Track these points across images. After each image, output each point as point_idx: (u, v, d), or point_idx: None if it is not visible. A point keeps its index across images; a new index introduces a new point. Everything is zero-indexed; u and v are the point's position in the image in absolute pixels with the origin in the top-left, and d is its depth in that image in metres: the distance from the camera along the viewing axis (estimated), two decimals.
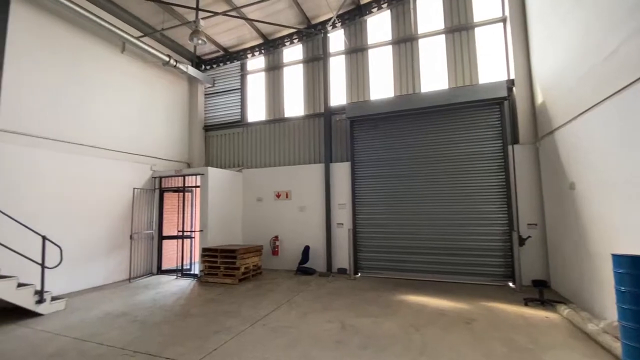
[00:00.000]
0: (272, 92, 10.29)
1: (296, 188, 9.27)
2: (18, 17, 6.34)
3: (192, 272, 8.49)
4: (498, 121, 7.38)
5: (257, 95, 10.59)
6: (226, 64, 10.93)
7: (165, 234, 8.98)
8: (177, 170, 8.97)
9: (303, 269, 8.43)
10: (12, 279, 5.09)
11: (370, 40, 9.18)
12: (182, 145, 10.41)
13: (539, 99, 6.75)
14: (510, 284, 6.84)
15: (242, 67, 10.84)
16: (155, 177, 9.06)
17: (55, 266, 5.53)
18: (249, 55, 10.60)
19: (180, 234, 8.68)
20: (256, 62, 10.72)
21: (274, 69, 10.33)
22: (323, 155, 9.16)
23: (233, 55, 10.77)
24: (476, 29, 8.06)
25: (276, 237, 9.16)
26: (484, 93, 7.24)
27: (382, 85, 8.94)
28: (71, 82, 7.24)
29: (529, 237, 6.74)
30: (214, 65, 11.10)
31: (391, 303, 5.78)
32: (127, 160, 8.38)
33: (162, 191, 9.09)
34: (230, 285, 7.41)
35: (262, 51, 10.39)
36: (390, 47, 8.92)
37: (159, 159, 9.39)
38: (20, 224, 5.41)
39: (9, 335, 4.53)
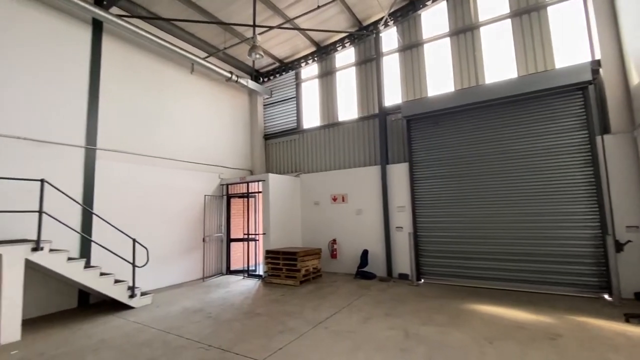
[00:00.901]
0: (326, 97, 10.46)
1: (352, 191, 9.24)
2: (107, 48, 7.46)
3: (257, 273, 8.98)
4: (582, 109, 6.46)
5: (312, 102, 10.86)
6: (282, 74, 11.43)
7: (232, 236, 9.67)
8: (241, 177, 9.62)
9: (362, 273, 8.33)
10: (110, 275, 5.94)
11: (426, 34, 8.79)
12: (245, 154, 11.13)
13: (635, 80, 5.75)
14: (606, 297, 5.88)
15: (297, 76, 11.23)
16: (223, 185, 9.83)
17: (144, 265, 6.32)
18: (302, 64, 10.94)
19: (246, 236, 9.25)
20: (310, 70, 11.02)
21: (327, 75, 10.50)
22: (379, 157, 8.99)
23: (288, 66, 11.22)
24: (549, 9, 7.20)
25: (334, 241, 9.22)
26: (562, 78, 6.40)
27: (440, 81, 8.48)
28: (150, 104, 8.25)
29: (629, 241, 5.73)
30: (271, 77, 11.69)
31: (460, 312, 5.39)
32: (198, 170, 9.24)
33: (229, 197, 9.82)
34: (292, 286, 7.64)
35: (315, 58, 10.64)
36: (448, 39, 8.43)
37: (226, 167, 10.16)
38: (115, 227, 6.30)
39: (108, 325, 5.27)
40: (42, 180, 5.10)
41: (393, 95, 9.16)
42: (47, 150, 6.24)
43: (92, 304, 6.56)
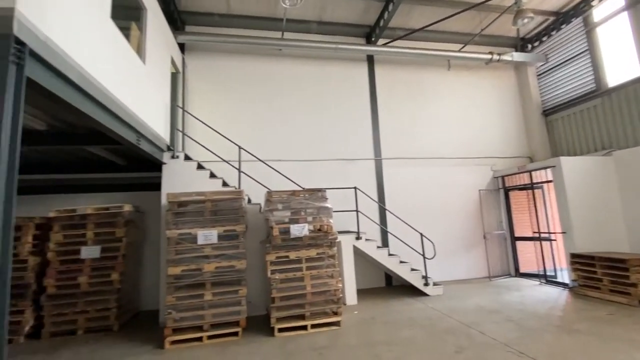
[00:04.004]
0: None
1: None
2: (378, 74, 8.95)
3: (559, 280, 7.33)
4: None
5: (619, 48, 7.68)
6: (559, 29, 8.96)
7: (517, 234, 8.53)
8: (520, 166, 8.35)
9: None
10: (406, 264, 6.91)
11: None
12: (518, 138, 9.62)
13: None
14: None
15: (586, 22, 8.38)
16: (497, 177, 8.99)
17: (432, 257, 6.89)
18: (593, 2, 8.03)
19: (537, 235, 7.85)
20: (607, 6, 7.89)
21: None
22: None
23: (568, 15, 8.64)
24: None
25: None
26: None
27: None
28: (415, 110, 9.03)
29: None
30: (543, 39, 9.47)
31: None
32: (469, 165, 8.98)
33: (506, 190, 8.81)
34: (623, 305, 5.57)
35: None
36: None
37: (497, 157, 9.24)
38: (405, 223, 7.31)
39: (411, 307, 6.10)
40: (355, 188, 6.87)
41: None
42: (351, 165, 8.34)
43: (394, 286, 7.92)
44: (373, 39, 8.82)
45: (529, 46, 9.92)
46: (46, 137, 4.94)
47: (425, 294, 6.82)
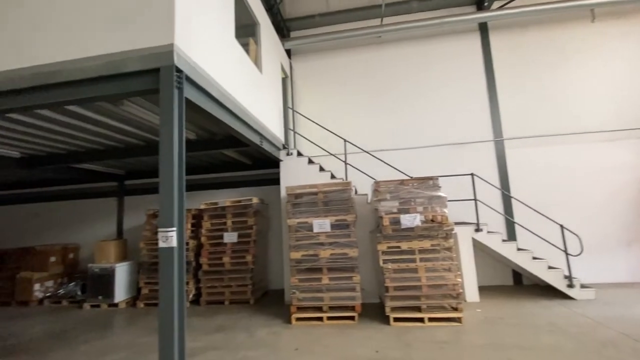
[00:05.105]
0: None
1: None
2: (494, 42, 7.78)
3: None
4: None
5: None
6: None
7: None
8: None
9: None
10: (541, 260, 5.90)
11: None
12: None
13: None
14: None
15: None
16: None
17: (578, 254, 5.68)
18: None
19: None
20: None
21: None
22: None
23: None
24: None
25: None
26: None
27: None
28: (544, 79, 7.51)
29: None
30: None
31: None
32: (623, 139, 7.00)
33: None
34: None
35: None
36: None
37: None
38: (539, 212, 6.22)
39: (551, 311, 5.17)
40: (472, 175, 6.22)
41: None
42: (464, 149, 7.55)
43: (525, 285, 6.88)
44: (485, 4, 7.71)
45: None
46: (195, 144, 6.15)
47: (568, 297, 5.69)
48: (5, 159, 6.26)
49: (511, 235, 7.02)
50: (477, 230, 5.97)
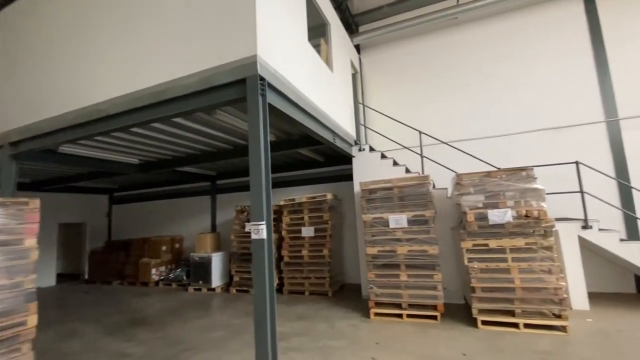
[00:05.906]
0: None
1: None
2: (602, 6, 6.50)
3: None
4: None
5: None
6: None
7: None
8: None
9: None
10: None
11: None
12: None
13: None
14: None
15: None
16: None
17: None
18: None
19: None
20: None
21: None
22: None
23: None
24: None
25: None
26: None
27: None
28: None
29: None
30: None
31: None
32: None
33: None
34: None
35: None
36: None
37: None
38: None
39: None
40: (576, 163, 5.35)
41: None
42: (563, 134, 6.52)
43: None
44: None
45: None
46: (275, 145, 6.60)
47: None
48: (128, 166, 7.66)
49: (632, 234, 5.85)
50: (585, 227, 5.12)
